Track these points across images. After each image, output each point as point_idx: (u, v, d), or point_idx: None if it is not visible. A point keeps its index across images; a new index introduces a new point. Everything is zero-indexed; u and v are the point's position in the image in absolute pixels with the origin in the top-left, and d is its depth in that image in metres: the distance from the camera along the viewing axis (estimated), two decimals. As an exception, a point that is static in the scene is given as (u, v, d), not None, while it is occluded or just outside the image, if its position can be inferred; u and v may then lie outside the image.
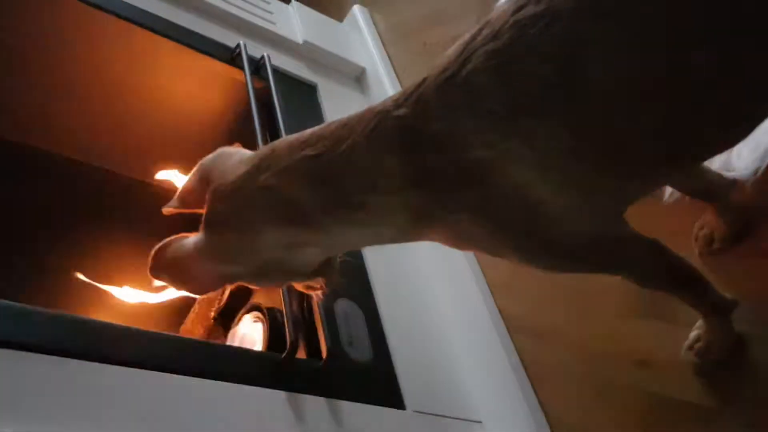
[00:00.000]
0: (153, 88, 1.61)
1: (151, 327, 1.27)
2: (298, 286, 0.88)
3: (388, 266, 1.40)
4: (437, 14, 1.91)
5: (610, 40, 0.60)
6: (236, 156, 0.79)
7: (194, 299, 1.36)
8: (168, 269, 0.78)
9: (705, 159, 0.77)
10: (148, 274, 0.79)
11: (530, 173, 0.65)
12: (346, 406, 1.06)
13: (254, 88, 1.55)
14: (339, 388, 1.08)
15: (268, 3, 1.92)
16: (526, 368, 1.24)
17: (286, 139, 0.76)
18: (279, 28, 1.85)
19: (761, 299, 0.91)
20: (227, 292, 1.36)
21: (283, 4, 1.98)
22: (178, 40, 1.58)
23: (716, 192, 0.95)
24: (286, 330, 1.08)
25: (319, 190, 0.71)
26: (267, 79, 1.60)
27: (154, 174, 1.02)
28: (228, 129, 1.66)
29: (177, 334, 1.17)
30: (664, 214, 1.02)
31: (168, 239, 0.79)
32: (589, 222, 0.72)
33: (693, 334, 0.96)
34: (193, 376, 0.94)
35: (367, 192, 0.70)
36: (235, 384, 0.97)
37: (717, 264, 0.97)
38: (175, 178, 1.00)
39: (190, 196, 0.81)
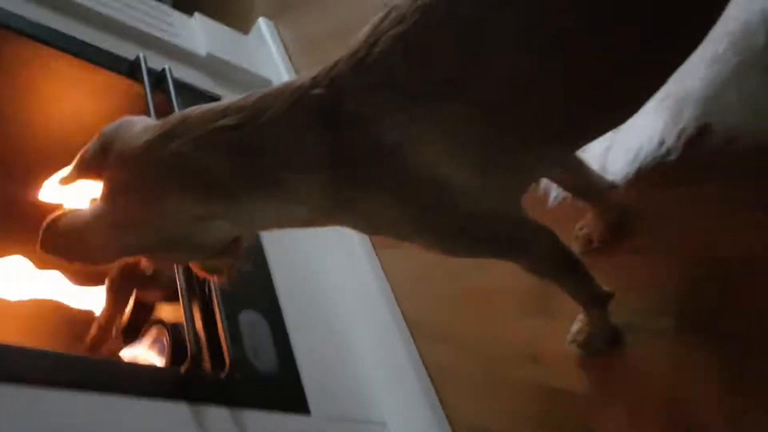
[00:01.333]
0: (45, 102, 1.57)
1: (51, 343, 1.25)
2: (201, 271, 0.84)
3: (294, 276, 1.42)
4: (342, 28, 1.95)
5: (507, 22, 0.64)
6: (140, 124, 0.76)
7: (94, 316, 1.34)
8: (62, 241, 0.74)
9: (591, 139, 0.81)
10: (38, 250, 0.74)
11: (436, 152, 0.68)
12: (250, 415, 1.07)
13: (154, 101, 1.53)
14: (243, 398, 1.09)
15: (170, 15, 1.91)
16: (427, 369, 1.28)
17: (199, 107, 0.73)
18: (181, 40, 1.83)
19: (633, 292, 0.98)
20: (129, 308, 1.34)
21: (185, 17, 1.97)
22: (73, 53, 1.55)
23: (596, 193, 1.02)
24: (188, 344, 1.08)
25: (235, 162, 0.70)
26: (168, 92, 1.59)
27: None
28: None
29: (70, 353, 1.14)
30: (548, 217, 1.08)
31: (59, 212, 0.75)
32: (491, 201, 0.75)
33: (574, 327, 1.02)
34: (94, 391, 0.93)
35: (285, 168, 0.69)
36: (137, 399, 0.96)
37: (594, 260, 1.04)
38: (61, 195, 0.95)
39: (89, 165, 0.77)
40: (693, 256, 0.94)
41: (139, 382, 1.01)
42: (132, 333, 1.33)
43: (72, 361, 1.00)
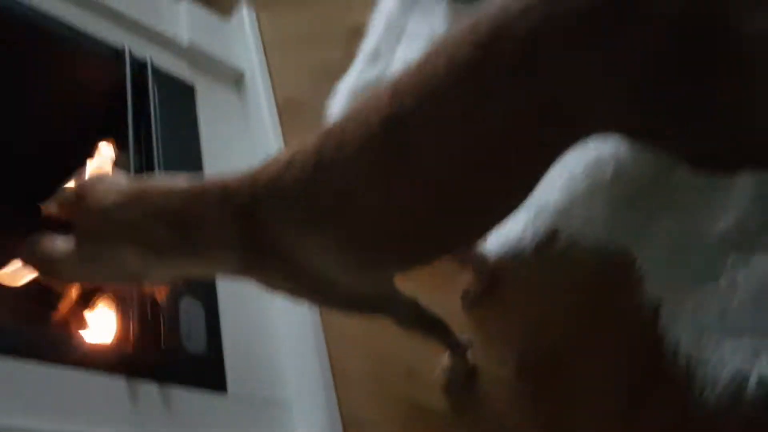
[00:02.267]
0: (32, 83, 1.74)
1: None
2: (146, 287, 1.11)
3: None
4: (317, 33, 2.12)
5: (374, 175, 0.86)
6: (112, 181, 0.99)
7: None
8: (40, 263, 0.99)
9: (460, 249, 1.05)
10: (20, 261, 1.00)
11: (317, 256, 0.91)
12: (175, 391, 1.32)
13: (133, 90, 1.73)
14: (172, 376, 1.33)
15: (158, 0, 2.06)
16: (331, 362, 1.55)
17: (158, 185, 0.96)
18: (166, 27, 2.00)
19: (488, 342, 1.25)
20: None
21: (173, 2, 2.11)
22: (64, 37, 1.72)
23: (475, 260, 1.27)
24: (131, 326, 1.32)
25: (173, 235, 0.93)
26: (146, 82, 1.78)
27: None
28: (108, 123, 1.81)
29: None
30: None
31: (39, 237, 0.99)
32: (362, 287, 1.01)
33: (444, 361, 1.28)
34: (39, 360, 1.14)
35: (210, 244, 0.93)
36: (80, 370, 1.20)
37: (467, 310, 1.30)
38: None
39: (66, 204, 1.00)
40: (534, 321, 1.21)
41: (84, 355, 1.25)
42: (87, 300, 1.55)
43: (20, 331, 1.23)
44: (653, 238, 1.05)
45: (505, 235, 1.20)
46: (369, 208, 0.85)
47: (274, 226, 0.89)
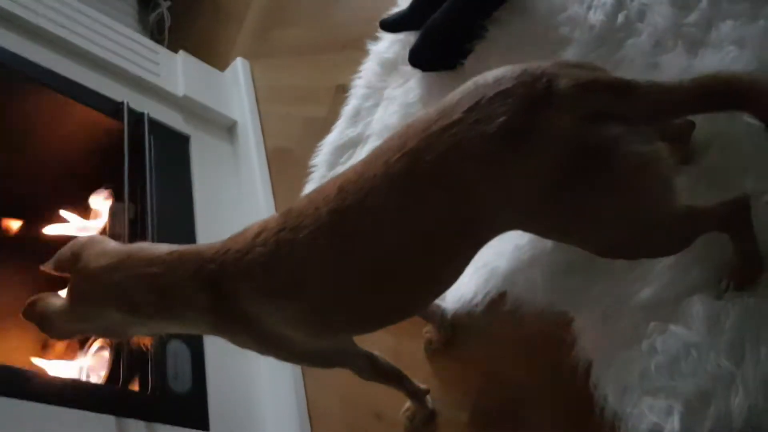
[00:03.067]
0: (37, 135, 1.88)
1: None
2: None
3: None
4: (307, 88, 2.27)
5: (323, 257, 0.99)
6: (103, 245, 1.12)
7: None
8: (37, 318, 1.12)
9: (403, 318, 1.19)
10: (21, 316, 1.13)
11: (279, 323, 1.04)
12: (161, 428, 1.44)
13: (130, 142, 1.87)
14: (158, 414, 1.46)
15: (157, 53, 2.21)
16: (308, 403, 1.67)
17: (142, 251, 1.09)
18: (163, 80, 2.15)
19: (445, 389, 1.38)
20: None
21: (171, 54, 2.27)
22: (67, 94, 1.86)
23: (435, 314, 1.40)
24: (121, 368, 1.44)
25: (152, 298, 1.06)
26: (143, 133, 1.92)
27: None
28: (106, 171, 1.94)
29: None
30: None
31: (39, 295, 1.13)
32: (324, 346, 1.14)
33: (406, 405, 1.41)
34: (36, 401, 1.27)
35: (184, 309, 1.06)
36: (75, 409, 1.32)
37: (429, 357, 1.43)
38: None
39: (62, 264, 1.13)
40: (487, 371, 1.33)
41: (77, 395, 1.38)
42: (83, 341, 1.68)
43: (18, 373, 1.35)
44: (588, 302, 1.18)
45: (461, 294, 1.33)
46: (320, 284, 0.98)
47: (239, 295, 1.01)
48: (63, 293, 1.14)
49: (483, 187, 0.88)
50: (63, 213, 1.84)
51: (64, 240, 1.17)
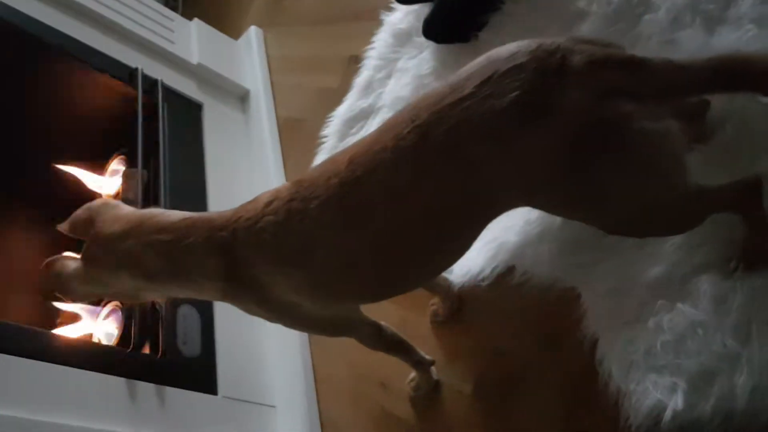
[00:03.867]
0: (53, 100, 1.89)
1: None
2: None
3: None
4: (319, 57, 2.26)
5: (333, 227, 1.00)
6: (116, 210, 1.14)
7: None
8: (53, 279, 1.14)
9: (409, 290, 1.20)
10: (38, 277, 1.15)
11: (288, 291, 1.05)
12: (170, 391, 1.47)
13: (143, 108, 1.87)
14: (167, 377, 1.48)
15: (172, 20, 2.20)
16: (315, 371, 1.70)
17: (154, 217, 1.10)
18: (177, 47, 2.15)
19: (450, 360, 1.39)
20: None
21: (185, 22, 2.26)
22: (82, 59, 1.87)
23: (442, 287, 1.41)
24: (132, 331, 1.47)
25: (164, 264, 1.08)
26: (157, 102, 1.92)
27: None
28: (120, 137, 1.95)
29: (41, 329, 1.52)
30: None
31: (55, 257, 1.15)
32: (329, 315, 1.15)
33: (411, 375, 1.42)
34: (48, 362, 1.29)
35: (195, 275, 1.08)
36: (86, 371, 1.35)
37: (435, 329, 1.44)
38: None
39: (77, 227, 1.16)
40: (493, 345, 1.35)
41: (88, 356, 1.40)
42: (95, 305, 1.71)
43: (29, 333, 1.37)
44: (596, 278, 1.18)
45: (469, 268, 1.33)
46: (328, 254, 0.99)
47: (249, 262, 1.03)
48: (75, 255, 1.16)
49: (493, 162, 0.88)
50: (80, 171, 1.87)
51: (80, 200, 1.19)
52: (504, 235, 1.29)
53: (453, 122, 0.88)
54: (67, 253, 1.17)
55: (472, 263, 1.32)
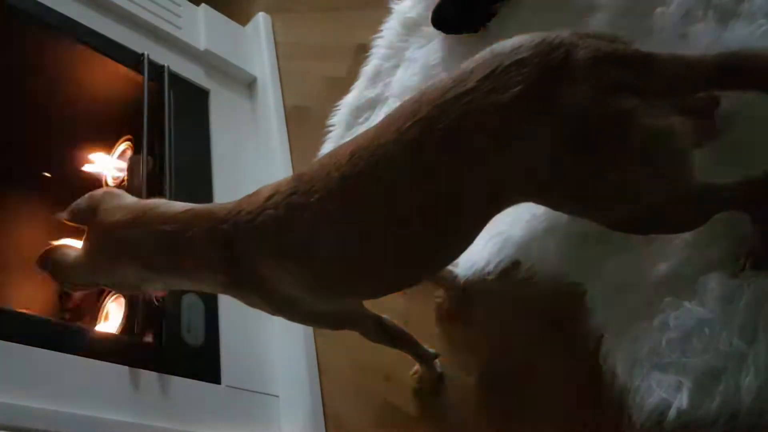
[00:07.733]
0: (69, 85, 1.88)
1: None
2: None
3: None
4: (327, 45, 2.24)
5: (333, 220, 0.99)
6: (119, 199, 1.14)
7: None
8: (53, 267, 1.13)
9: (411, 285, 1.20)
10: (35, 265, 1.14)
11: (287, 283, 1.05)
12: (173, 380, 1.47)
13: (149, 94, 1.86)
14: (171, 366, 1.48)
15: (179, 6, 2.19)
16: (318, 360, 1.69)
17: (157, 208, 1.09)
18: (184, 33, 2.13)
19: (456, 351, 1.39)
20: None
21: (193, 8, 2.24)
22: (90, 45, 1.86)
23: (447, 279, 1.40)
24: (136, 319, 1.47)
25: (166, 255, 1.08)
26: (163, 88, 1.91)
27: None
28: (126, 121, 1.95)
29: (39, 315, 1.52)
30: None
31: (54, 245, 1.15)
32: (329, 306, 1.15)
33: (415, 368, 1.42)
34: (51, 349, 1.29)
35: (197, 267, 1.08)
36: (89, 359, 1.35)
37: (441, 324, 1.44)
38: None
39: (77, 215, 1.15)
40: (497, 339, 1.34)
41: (92, 344, 1.40)
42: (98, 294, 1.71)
43: (32, 321, 1.37)
44: (601, 275, 1.17)
45: (474, 262, 1.32)
46: (329, 249, 0.98)
47: (250, 256, 1.02)
48: (75, 243, 1.15)
49: (495, 158, 0.87)
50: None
51: (79, 189, 1.18)
52: (510, 229, 1.28)
53: (455, 116, 0.87)
54: (65, 241, 1.17)
55: (477, 257, 1.32)
